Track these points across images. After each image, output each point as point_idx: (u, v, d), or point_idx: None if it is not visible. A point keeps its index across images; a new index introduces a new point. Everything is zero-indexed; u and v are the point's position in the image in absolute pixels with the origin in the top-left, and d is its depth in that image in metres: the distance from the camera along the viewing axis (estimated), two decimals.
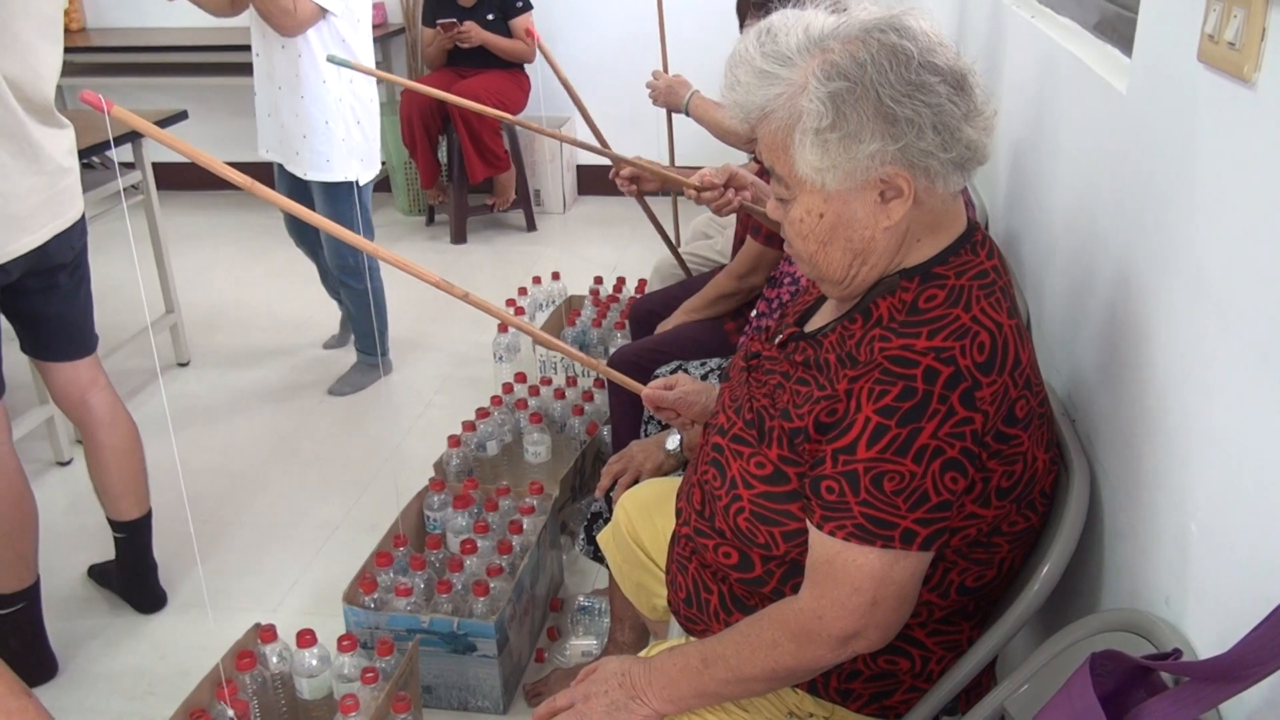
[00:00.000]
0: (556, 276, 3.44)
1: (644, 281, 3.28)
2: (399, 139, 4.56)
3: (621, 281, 3.42)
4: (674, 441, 1.74)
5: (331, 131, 2.91)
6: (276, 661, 1.82)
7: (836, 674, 1.24)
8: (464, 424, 2.60)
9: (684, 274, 2.84)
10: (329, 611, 2.21)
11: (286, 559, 2.52)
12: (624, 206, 4.88)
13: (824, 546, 1.11)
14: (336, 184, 2.98)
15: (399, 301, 3.42)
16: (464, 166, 4.44)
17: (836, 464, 1.09)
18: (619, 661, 1.26)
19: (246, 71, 3.09)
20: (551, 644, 2.22)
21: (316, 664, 1.81)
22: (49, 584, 2.20)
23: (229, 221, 4.87)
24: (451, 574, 2.05)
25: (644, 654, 1.31)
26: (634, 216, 4.60)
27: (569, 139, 2.42)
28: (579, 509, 2.50)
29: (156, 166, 3.32)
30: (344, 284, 3.20)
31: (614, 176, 2.18)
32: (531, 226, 4.77)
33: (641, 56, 3.57)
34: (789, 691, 1.27)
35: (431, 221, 4.88)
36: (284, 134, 2.96)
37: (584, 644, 2.18)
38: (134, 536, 2.28)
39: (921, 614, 1.19)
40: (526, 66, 4.55)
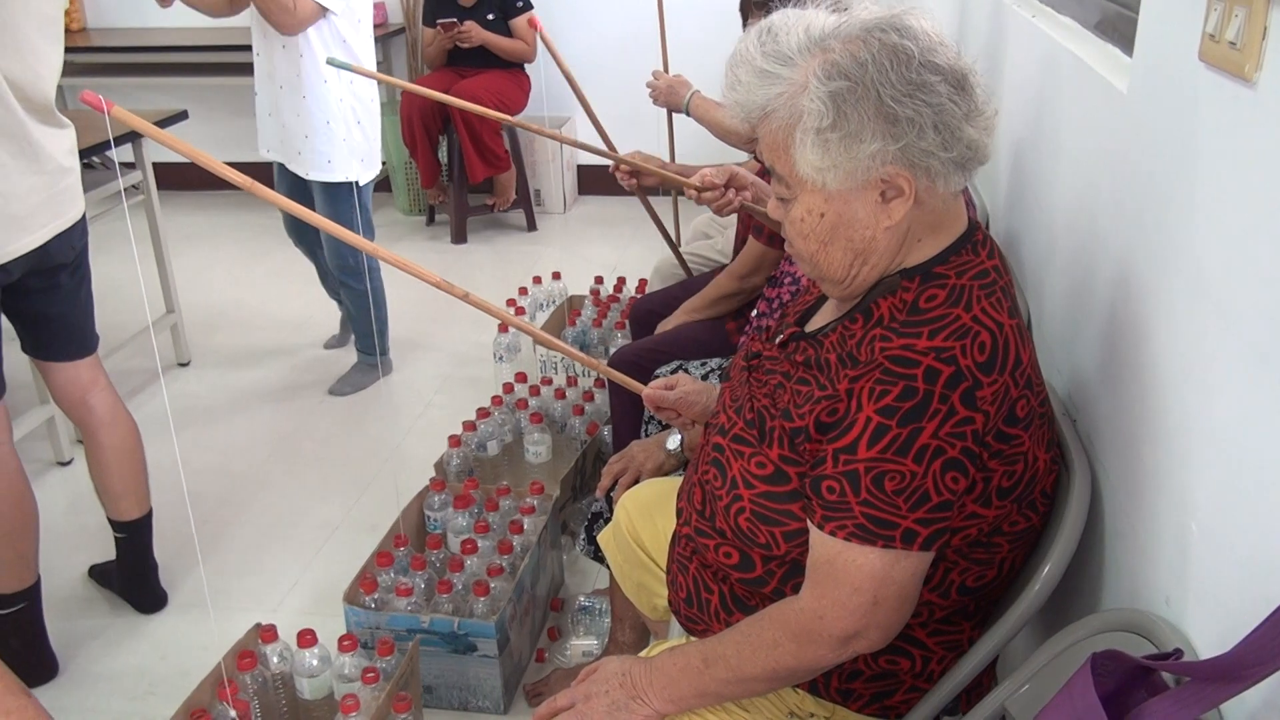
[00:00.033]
0: (557, 276, 3.44)
1: (644, 281, 3.28)
2: (399, 139, 4.56)
3: (622, 281, 3.42)
4: (674, 441, 1.74)
5: (333, 131, 2.91)
6: (277, 661, 1.82)
7: (837, 674, 1.24)
8: (464, 424, 2.60)
9: (684, 274, 2.84)
10: (329, 611, 2.21)
11: (287, 559, 2.52)
12: (624, 206, 4.89)
13: (825, 546, 1.11)
14: (337, 184, 2.98)
15: (399, 301, 3.42)
16: (464, 166, 4.44)
17: (837, 464, 1.09)
18: (620, 661, 1.26)
19: (246, 71, 3.09)
20: (552, 644, 2.22)
21: (317, 664, 1.81)
22: (49, 584, 2.20)
23: (229, 221, 4.87)
24: (452, 574, 2.05)
25: (645, 654, 1.31)
26: (634, 216, 4.60)
27: (568, 140, 2.41)
28: (579, 509, 2.50)
29: (156, 166, 3.32)
30: (344, 284, 3.20)
31: (614, 170, 2.19)
32: (532, 226, 4.78)
33: (641, 56, 3.56)
34: (790, 691, 1.27)
35: (432, 221, 4.88)
36: (285, 134, 2.96)
37: (584, 644, 2.18)
38: (134, 536, 2.28)
39: (922, 614, 1.19)
40: (527, 66, 4.55)
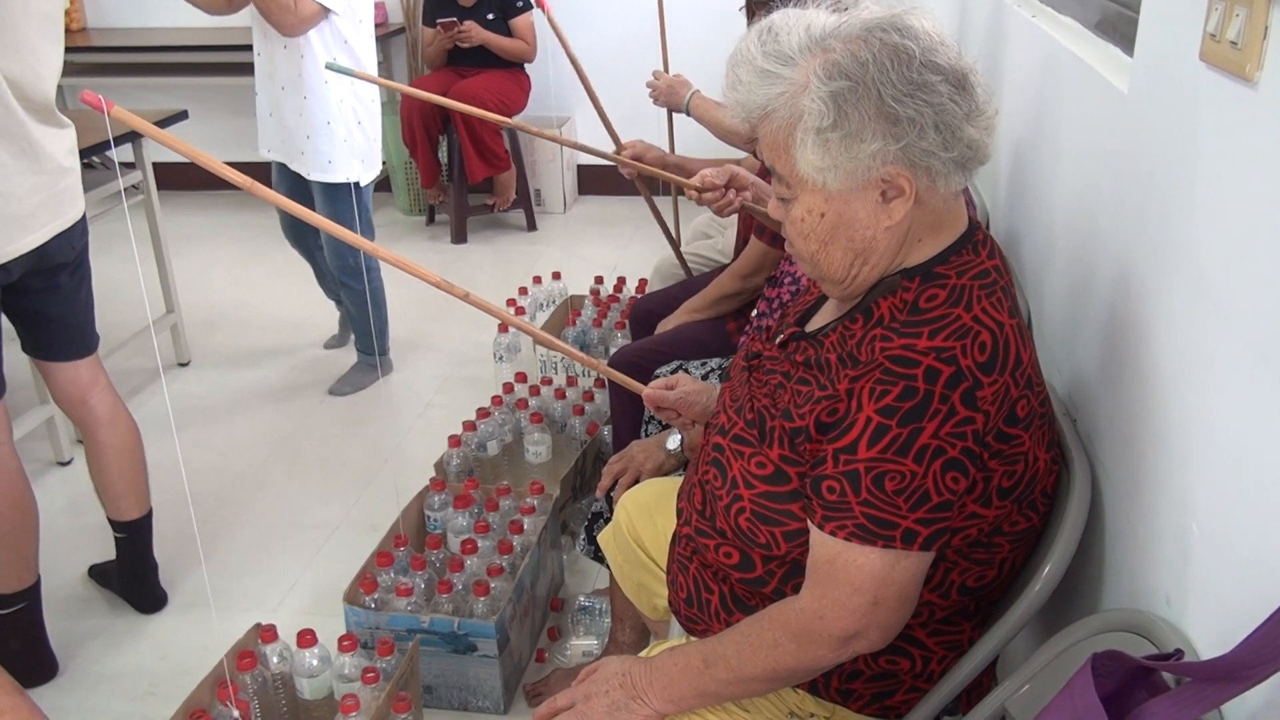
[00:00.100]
0: (557, 276, 3.44)
1: (644, 281, 3.28)
2: (399, 139, 4.56)
3: (622, 281, 3.42)
4: (675, 441, 1.74)
5: (333, 132, 2.91)
6: (277, 661, 1.82)
7: (837, 674, 1.24)
8: (464, 424, 2.60)
9: (684, 274, 2.84)
10: (329, 611, 2.21)
11: (287, 559, 2.52)
12: (625, 206, 4.89)
13: (825, 546, 1.11)
14: (337, 184, 2.98)
15: (399, 301, 3.42)
16: (464, 166, 4.43)
17: (837, 464, 1.09)
18: (620, 661, 1.26)
19: (247, 71, 3.09)
20: (552, 644, 2.22)
21: (317, 664, 1.81)
22: (49, 584, 2.20)
23: (229, 221, 4.87)
24: (452, 574, 2.05)
25: (645, 654, 1.31)
26: (635, 216, 4.62)
27: (566, 141, 2.42)
28: (579, 509, 2.50)
29: (156, 166, 3.32)
30: (344, 284, 3.20)
31: (616, 155, 2.19)
32: (532, 226, 4.78)
33: (641, 56, 3.56)
34: (790, 692, 1.27)
35: (432, 221, 4.88)
36: (287, 134, 2.96)
37: (584, 644, 2.18)
38: (134, 536, 2.28)
39: (923, 614, 1.19)
40: (527, 66, 4.55)
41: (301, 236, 3.30)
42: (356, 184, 2.98)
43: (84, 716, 2.08)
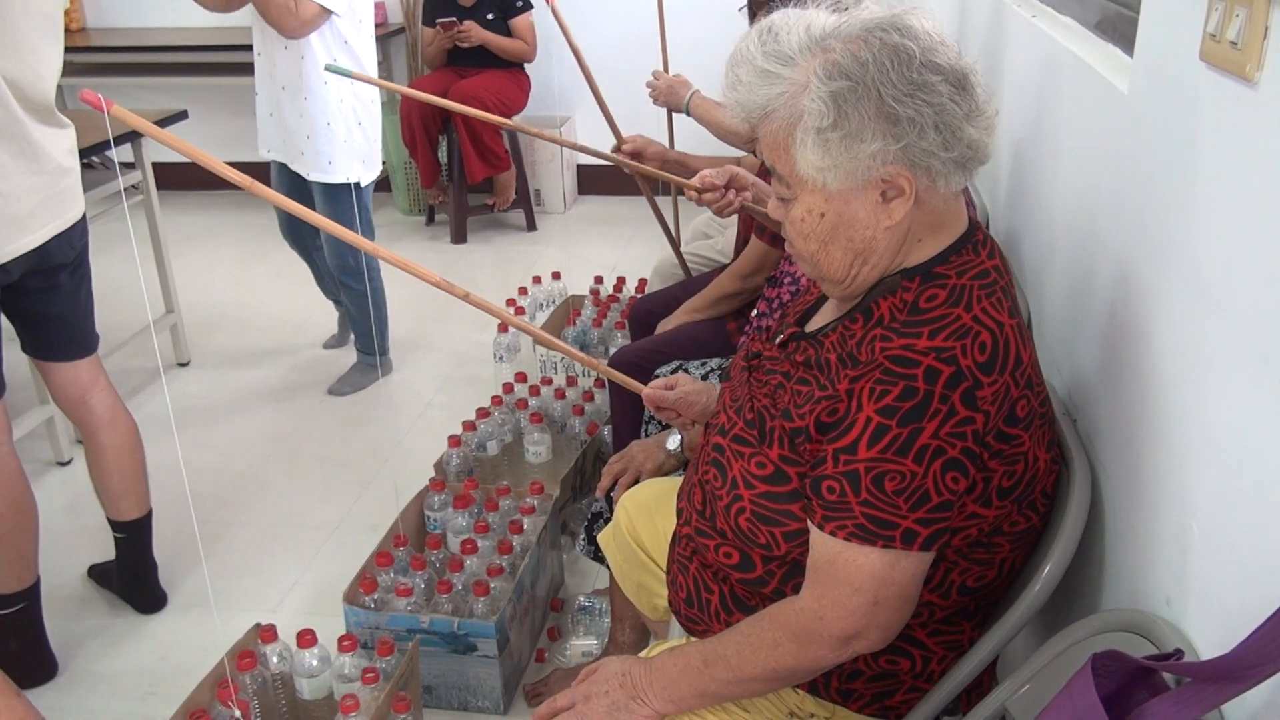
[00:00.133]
0: (557, 276, 3.44)
1: (644, 281, 3.28)
2: (399, 139, 4.56)
3: (622, 281, 3.42)
4: (674, 441, 1.74)
5: (334, 133, 2.91)
6: (277, 662, 1.82)
7: (837, 674, 1.24)
8: (464, 424, 2.60)
9: (684, 274, 2.84)
10: (329, 611, 2.21)
11: (286, 559, 2.52)
12: (624, 206, 4.89)
13: (825, 546, 1.11)
14: (337, 184, 2.98)
15: (399, 301, 3.42)
16: (464, 166, 4.43)
17: (837, 464, 1.09)
18: (620, 662, 1.26)
19: (247, 71, 3.09)
20: (552, 644, 2.22)
21: (317, 664, 1.81)
22: (49, 584, 2.20)
23: (229, 221, 4.87)
24: (452, 574, 2.05)
25: (645, 654, 1.31)
26: (635, 216, 4.62)
27: (565, 142, 2.41)
28: (579, 509, 2.50)
29: (156, 166, 3.32)
30: (344, 284, 3.20)
31: (615, 152, 2.19)
32: (532, 226, 4.77)
33: (641, 56, 3.56)
34: (790, 692, 1.27)
35: (431, 221, 4.88)
36: (287, 134, 2.96)
37: (584, 644, 2.18)
38: (134, 536, 2.28)
39: (923, 614, 1.19)
40: (527, 65, 4.55)
41: (300, 238, 3.30)
42: (356, 184, 2.98)
43: (84, 716, 2.08)
